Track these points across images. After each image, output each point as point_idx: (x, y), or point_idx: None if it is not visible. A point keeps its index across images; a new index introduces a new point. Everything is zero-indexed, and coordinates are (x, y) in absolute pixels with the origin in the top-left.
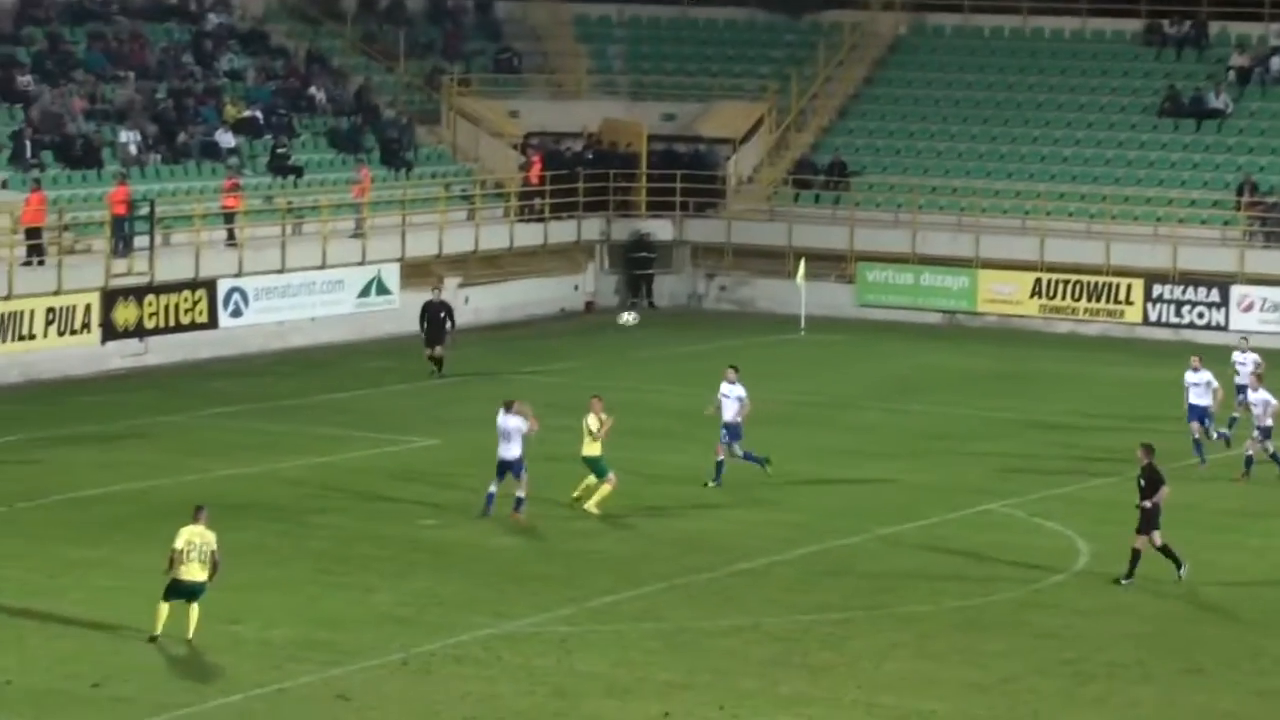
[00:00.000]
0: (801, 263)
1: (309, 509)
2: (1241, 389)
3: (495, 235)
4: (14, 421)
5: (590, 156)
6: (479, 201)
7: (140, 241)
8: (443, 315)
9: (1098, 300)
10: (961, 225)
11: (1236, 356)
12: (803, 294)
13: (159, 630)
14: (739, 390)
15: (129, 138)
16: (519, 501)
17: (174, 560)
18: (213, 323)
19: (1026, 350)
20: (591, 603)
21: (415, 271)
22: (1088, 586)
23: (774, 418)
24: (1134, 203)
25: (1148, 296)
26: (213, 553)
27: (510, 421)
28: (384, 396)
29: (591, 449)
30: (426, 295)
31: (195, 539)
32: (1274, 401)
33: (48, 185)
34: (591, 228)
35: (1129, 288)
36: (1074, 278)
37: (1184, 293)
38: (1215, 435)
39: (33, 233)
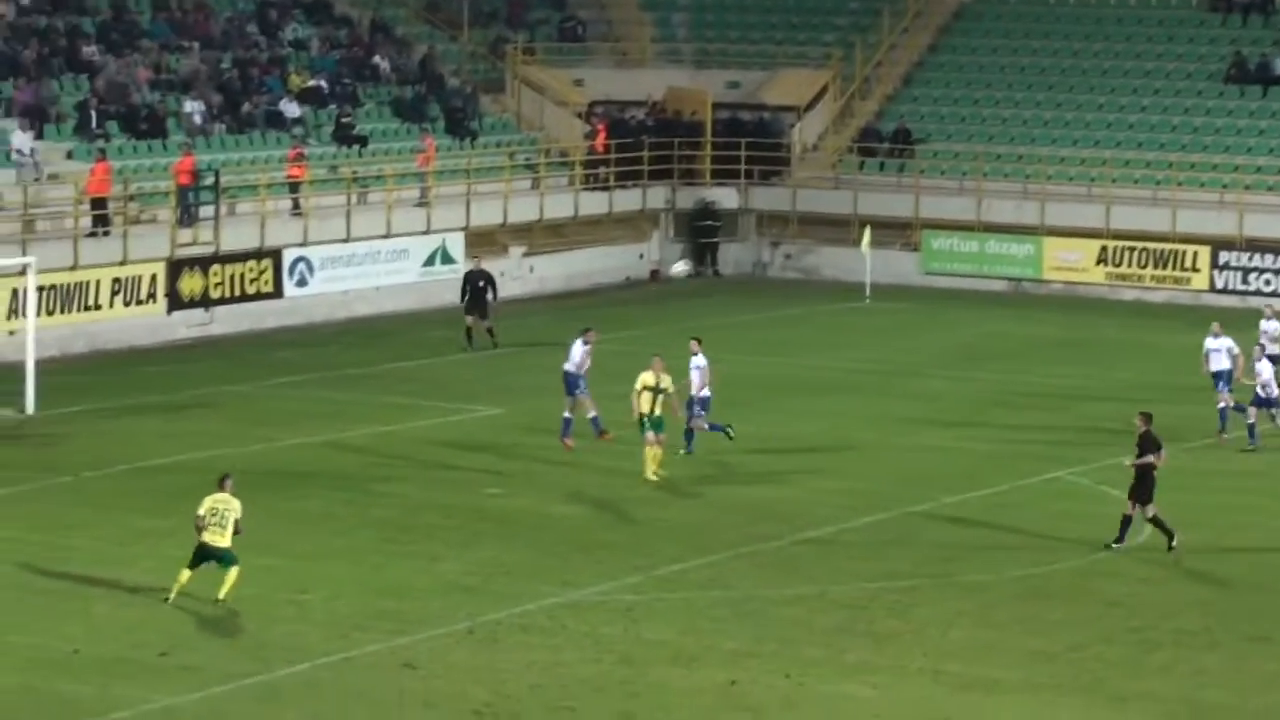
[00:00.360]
0: (866, 230)
1: (374, 478)
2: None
3: (560, 204)
4: (80, 392)
5: (655, 125)
6: (544, 170)
7: (205, 211)
8: (483, 284)
9: (1164, 268)
10: (1027, 193)
11: (1264, 324)
12: (868, 262)
13: (174, 595)
14: (699, 360)
15: (194, 108)
16: (594, 421)
17: (197, 526)
18: (278, 292)
19: (1092, 318)
20: (658, 571)
21: (480, 240)
22: (1151, 555)
23: (840, 385)
24: (1200, 169)
25: (1214, 264)
26: (235, 520)
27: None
28: (448, 366)
29: (654, 407)
30: (498, 264)
31: (219, 505)
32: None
33: (113, 155)
34: (656, 196)
35: (1195, 255)
36: (1140, 245)
37: (1250, 260)
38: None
39: (98, 203)
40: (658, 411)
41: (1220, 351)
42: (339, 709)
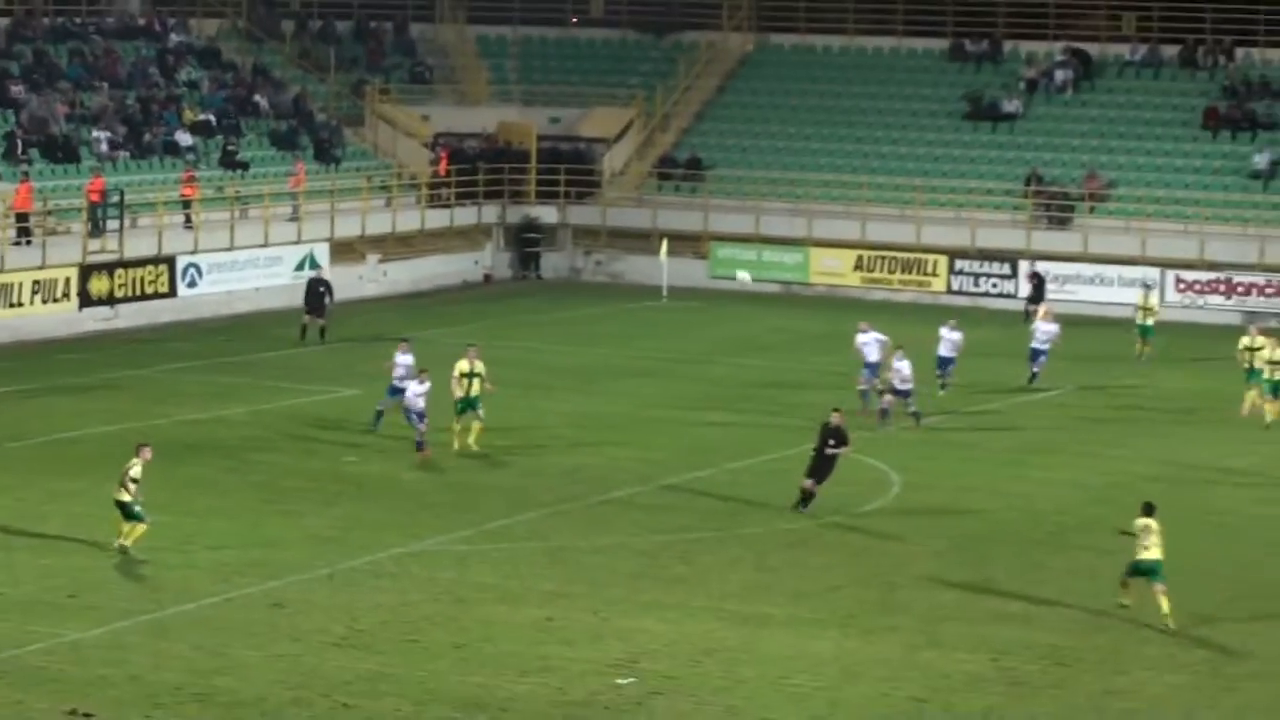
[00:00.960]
0: (664, 242)
1: (251, 448)
2: (943, 361)
3: (409, 219)
4: (3, 375)
5: (488, 153)
6: (396, 191)
7: (111, 225)
8: (321, 290)
9: (909, 273)
10: (796, 210)
11: (944, 332)
12: (664, 268)
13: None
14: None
15: (102, 137)
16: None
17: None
18: (172, 292)
19: (849, 315)
20: (486, 526)
21: (342, 249)
22: (898, 512)
23: (639, 371)
24: (939, 191)
25: (951, 270)
26: (128, 477)
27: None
28: (314, 355)
29: (469, 390)
30: (356, 269)
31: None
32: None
33: (35, 177)
34: (489, 212)
35: (935, 263)
36: (889, 254)
37: (981, 267)
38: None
39: (22, 217)
40: (474, 393)
41: (871, 344)
42: (219, 640)
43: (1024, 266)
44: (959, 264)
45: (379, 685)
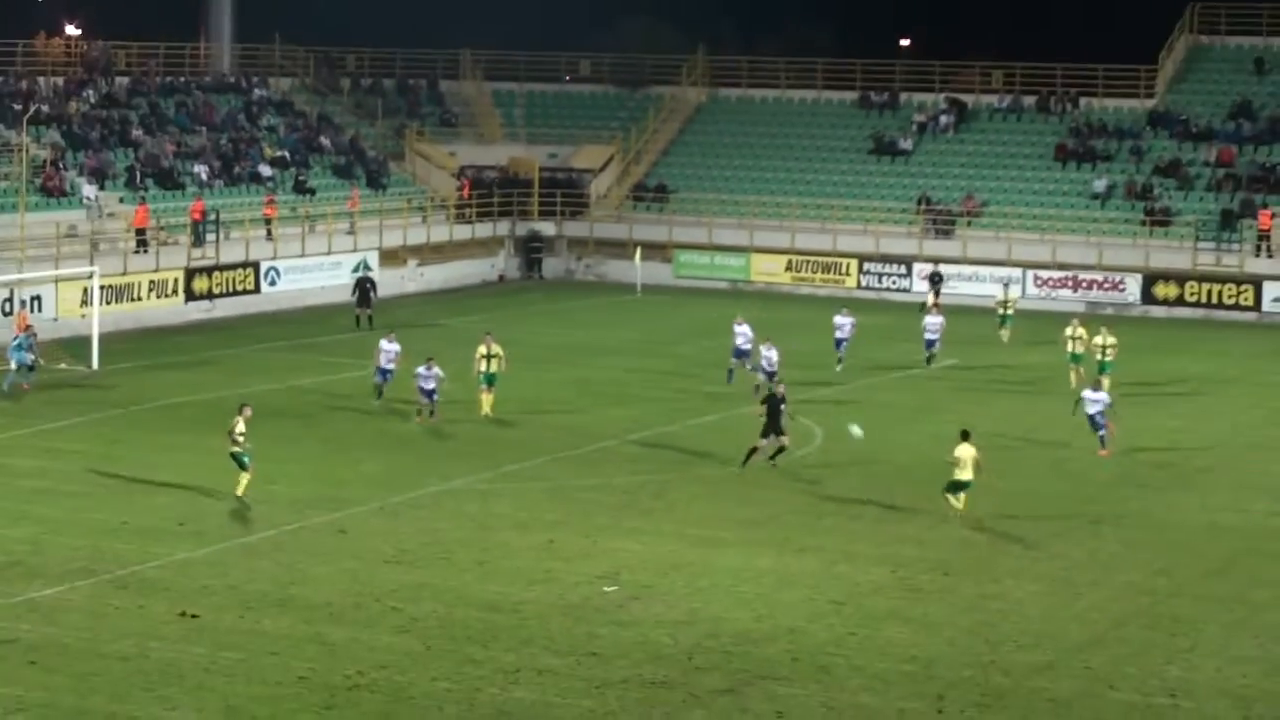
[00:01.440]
0: (638, 249)
1: (319, 411)
2: (839, 342)
3: (440, 232)
4: (128, 354)
5: (501, 181)
6: (430, 210)
7: (209, 237)
8: (368, 286)
9: (828, 273)
10: (740, 225)
11: (837, 319)
12: (639, 270)
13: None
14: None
15: (202, 169)
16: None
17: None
18: (257, 289)
19: (783, 305)
20: (502, 469)
21: (389, 256)
22: (822, 459)
23: (620, 350)
24: (851, 210)
25: (860, 270)
26: (236, 431)
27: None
28: (371, 337)
29: (489, 367)
30: (400, 271)
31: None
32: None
33: (150, 201)
34: (502, 227)
35: (848, 264)
36: (812, 258)
37: (883, 268)
38: (750, 368)
39: (140, 232)
40: (493, 370)
41: (744, 335)
42: (296, 558)
43: (917, 267)
44: (866, 266)
45: (420, 592)
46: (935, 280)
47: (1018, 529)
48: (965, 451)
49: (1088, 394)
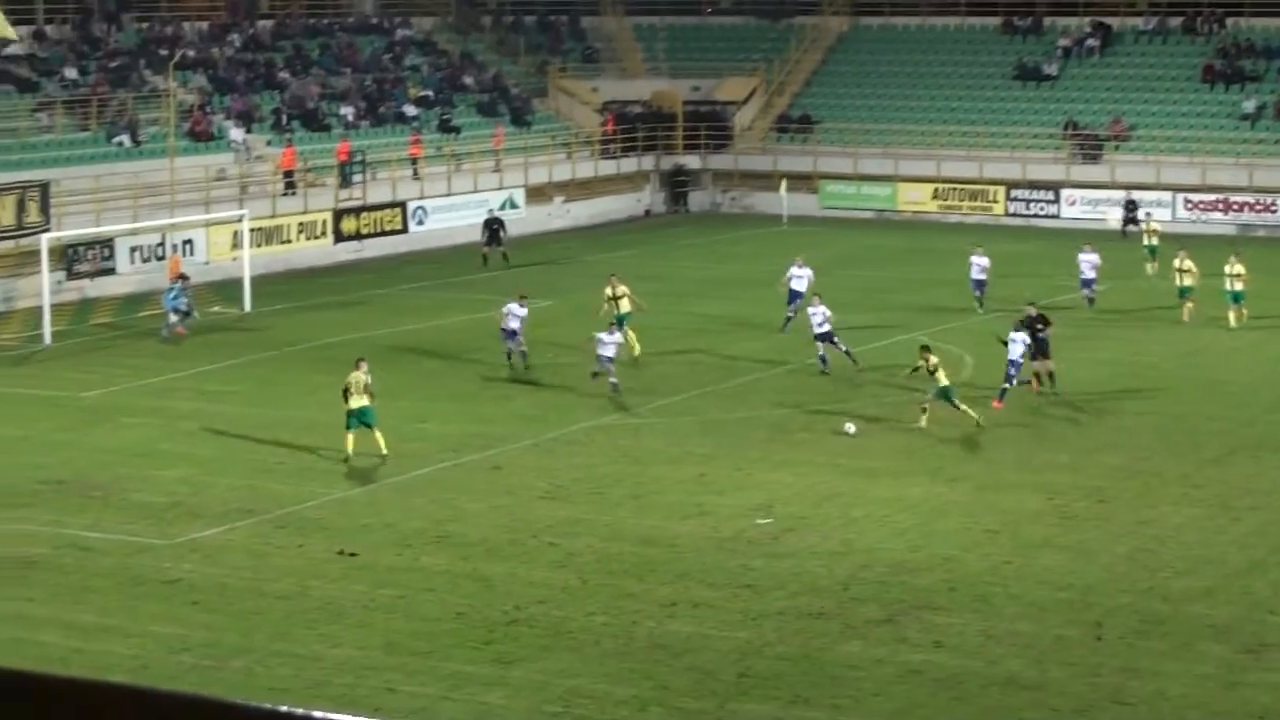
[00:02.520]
0: (783, 181)
1: (467, 349)
2: (977, 284)
3: (585, 168)
4: (279, 297)
5: (645, 115)
6: (574, 147)
7: (356, 178)
8: (495, 226)
9: (975, 200)
10: (886, 154)
11: (973, 259)
12: (785, 201)
13: (350, 453)
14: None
15: (348, 111)
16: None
17: (343, 395)
18: (404, 229)
19: (929, 234)
20: (653, 404)
21: (534, 193)
22: (971, 387)
23: (766, 281)
24: (997, 136)
25: (1008, 197)
26: (366, 385)
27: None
28: (516, 274)
29: (616, 307)
30: (546, 208)
31: (355, 380)
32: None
33: (297, 143)
34: (647, 162)
35: (994, 191)
36: (959, 186)
37: (1030, 194)
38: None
39: (288, 174)
40: (623, 310)
41: (801, 278)
42: (451, 495)
43: (1064, 194)
44: (1014, 192)
45: (575, 527)
46: (1131, 209)
47: (1174, 455)
48: (931, 359)
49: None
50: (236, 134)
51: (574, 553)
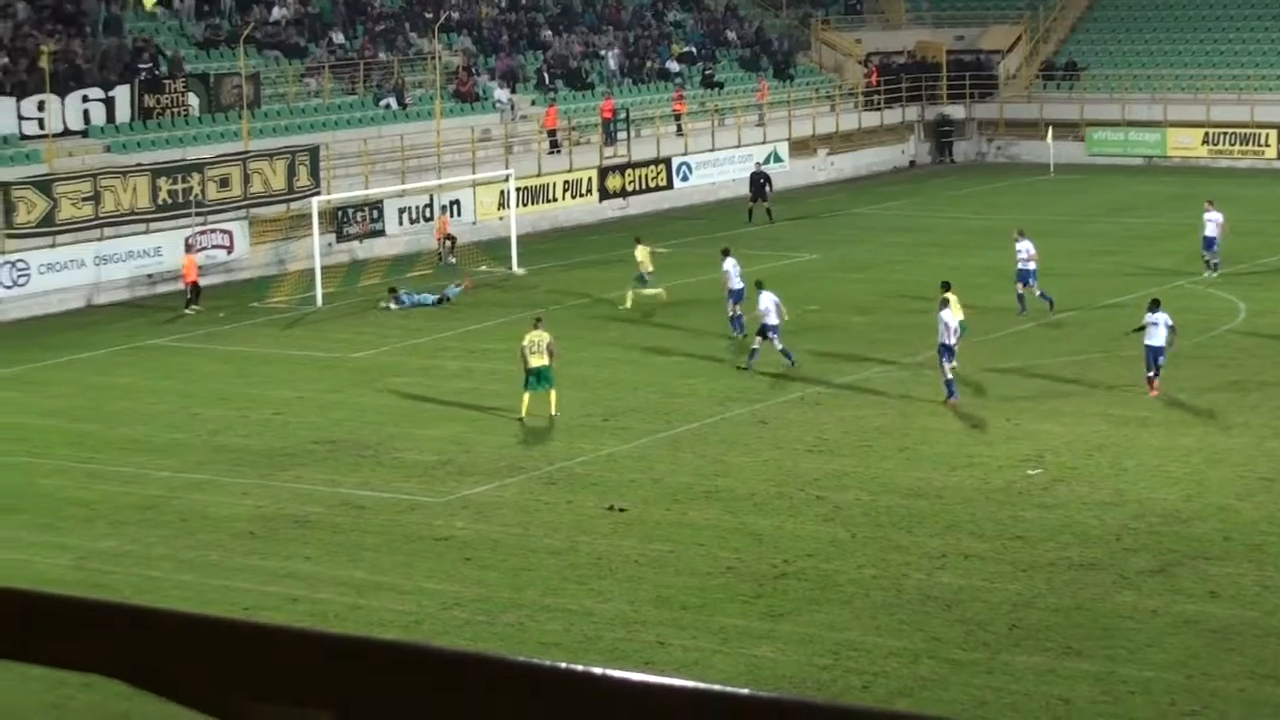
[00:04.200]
0: (1049, 129)
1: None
2: (1208, 242)
3: (849, 120)
4: (545, 255)
5: (910, 66)
6: (838, 99)
7: (620, 135)
8: (762, 181)
9: (1246, 145)
10: (1154, 100)
11: (1207, 215)
12: (1051, 150)
13: (524, 414)
14: (1214, 215)
15: (611, 66)
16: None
17: (522, 355)
18: (669, 185)
19: (1200, 180)
20: (917, 357)
21: (798, 146)
22: (1248, 332)
23: (1035, 230)
24: (1269, 79)
25: None
26: (548, 345)
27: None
28: (779, 228)
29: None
30: (810, 161)
31: (535, 339)
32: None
33: (560, 102)
34: (912, 112)
35: (1266, 135)
36: (1230, 130)
37: None
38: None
39: (551, 133)
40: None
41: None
42: (719, 450)
43: None
44: None
45: (843, 480)
46: None
47: None
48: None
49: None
50: (501, 94)
51: (841, 506)
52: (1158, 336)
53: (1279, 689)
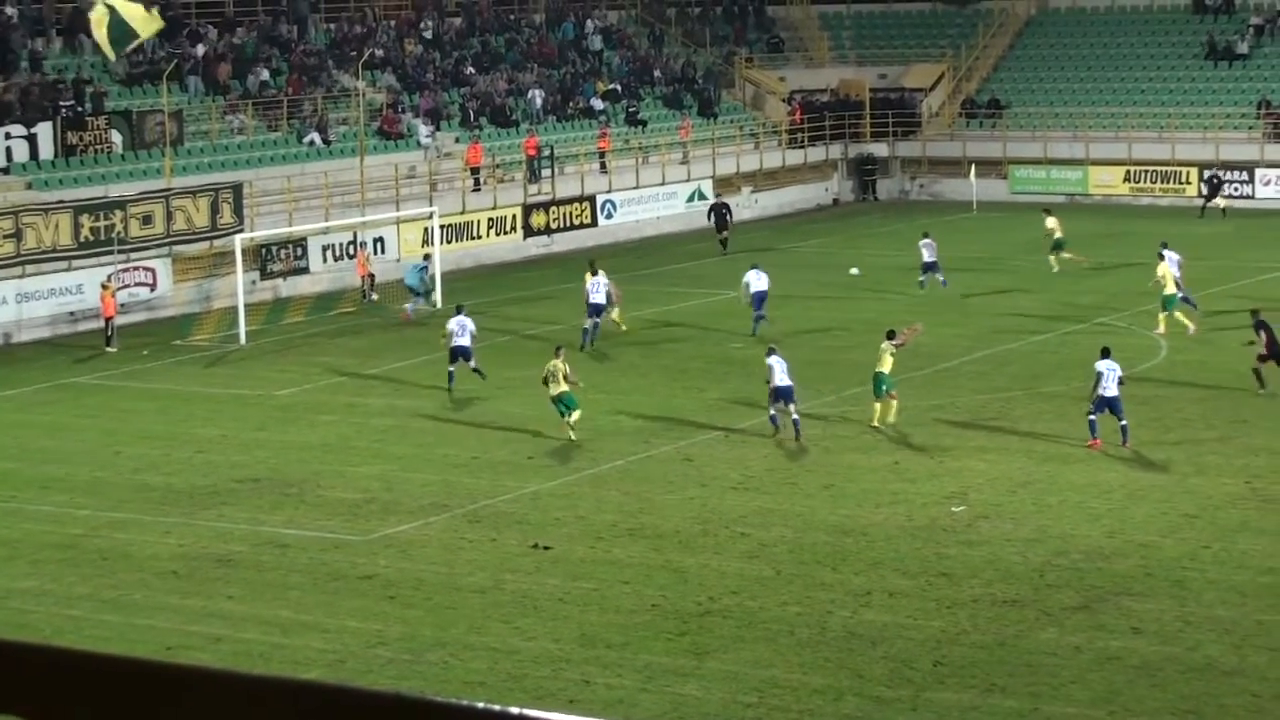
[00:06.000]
0: (972, 167)
1: (660, 340)
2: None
3: (772, 158)
4: (470, 292)
5: (832, 104)
6: (762, 137)
7: (545, 173)
8: (724, 212)
9: (1167, 182)
10: (1076, 137)
11: (1167, 254)
12: (974, 187)
13: (570, 436)
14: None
15: (536, 104)
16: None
17: (545, 383)
18: (594, 223)
19: (1121, 218)
20: (843, 393)
21: (722, 184)
22: (1165, 376)
23: (957, 268)
24: (1189, 117)
25: (1201, 178)
26: (564, 374)
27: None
28: (704, 265)
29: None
30: (734, 199)
31: (554, 367)
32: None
33: (484, 139)
34: (835, 150)
35: (1187, 173)
36: (1151, 168)
37: (1225, 175)
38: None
39: (475, 170)
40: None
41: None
42: (643, 488)
43: (1259, 174)
44: (1206, 174)
45: (768, 518)
46: (1214, 184)
47: None
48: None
49: None
50: (424, 132)
51: (766, 543)
52: (1111, 387)
53: None
